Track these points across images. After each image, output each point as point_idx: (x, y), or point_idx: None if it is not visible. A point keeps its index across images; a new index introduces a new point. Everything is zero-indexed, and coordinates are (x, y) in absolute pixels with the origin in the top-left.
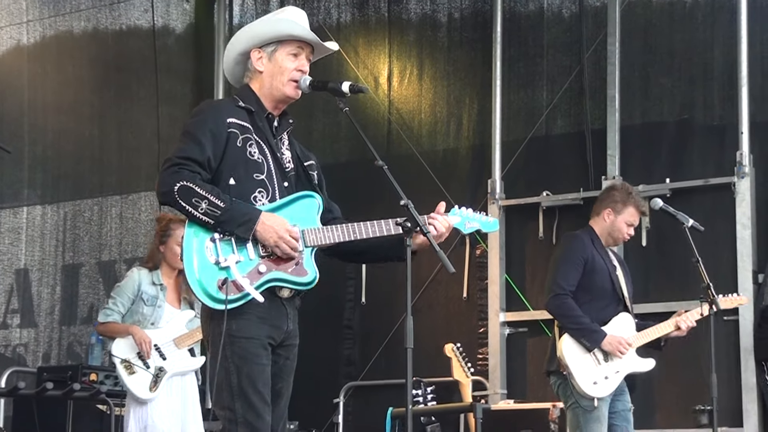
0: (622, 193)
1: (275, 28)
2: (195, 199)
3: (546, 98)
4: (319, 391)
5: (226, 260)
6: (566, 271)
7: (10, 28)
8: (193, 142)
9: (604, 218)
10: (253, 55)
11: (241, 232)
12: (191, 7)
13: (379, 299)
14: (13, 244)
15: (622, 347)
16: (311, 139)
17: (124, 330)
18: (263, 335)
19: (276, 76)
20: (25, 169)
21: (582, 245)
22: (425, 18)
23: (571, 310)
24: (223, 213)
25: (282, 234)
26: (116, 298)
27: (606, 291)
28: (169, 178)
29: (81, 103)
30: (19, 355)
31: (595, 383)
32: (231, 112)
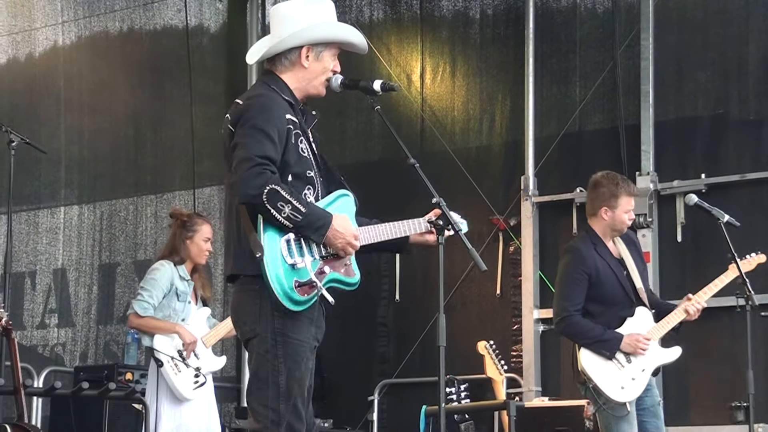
0: (610, 186)
1: (338, 33)
2: (280, 203)
3: (579, 94)
4: (353, 389)
5: (302, 261)
6: (570, 292)
7: (45, 29)
8: (267, 139)
9: (602, 217)
10: (303, 52)
11: (316, 237)
12: (224, 7)
13: (413, 297)
14: (50, 244)
15: (642, 344)
16: (344, 137)
17: (171, 328)
18: (311, 337)
19: (317, 76)
20: (62, 170)
21: (581, 258)
22: (457, 15)
23: (580, 327)
24: (303, 218)
25: (350, 239)
26: (151, 290)
27: (617, 297)
28: (256, 179)
29: (116, 103)
30: (57, 355)
31: (623, 387)
32: (284, 107)
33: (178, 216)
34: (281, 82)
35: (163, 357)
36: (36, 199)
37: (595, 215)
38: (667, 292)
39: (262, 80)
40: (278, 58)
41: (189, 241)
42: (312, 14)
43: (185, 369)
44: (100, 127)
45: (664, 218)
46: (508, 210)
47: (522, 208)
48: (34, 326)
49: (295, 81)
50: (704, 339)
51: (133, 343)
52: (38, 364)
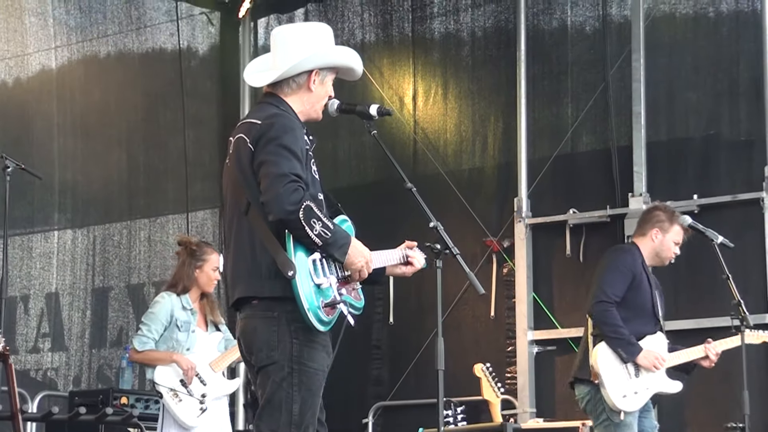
0: (667, 213)
1: (348, 59)
2: (313, 220)
3: (571, 115)
4: (347, 411)
5: (327, 281)
6: (613, 280)
7: (38, 54)
8: (295, 158)
9: (652, 238)
10: (313, 76)
11: (339, 255)
12: (216, 30)
13: (407, 319)
14: (44, 269)
15: (658, 362)
16: (337, 159)
17: (167, 358)
18: (325, 365)
19: (320, 100)
20: (56, 194)
21: (633, 259)
22: (449, 37)
23: (614, 318)
24: (332, 235)
25: (368, 259)
26: (150, 324)
27: (646, 310)
28: (292, 195)
29: (109, 127)
30: (50, 379)
31: (625, 396)
32: (301, 127)
33: (186, 244)
34: (287, 105)
35: (162, 389)
36: (29, 224)
37: (644, 236)
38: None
39: (268, 102)
40: (285, 81)
41: (198, 270)
42: (318, 38)
43: (187, 397)
44: (93, 151)
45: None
46: (501, 232)
47: (515, 229)
48: (27, 350)
49: (300, 104)
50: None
51: (128, 368)
52: (32, 388)
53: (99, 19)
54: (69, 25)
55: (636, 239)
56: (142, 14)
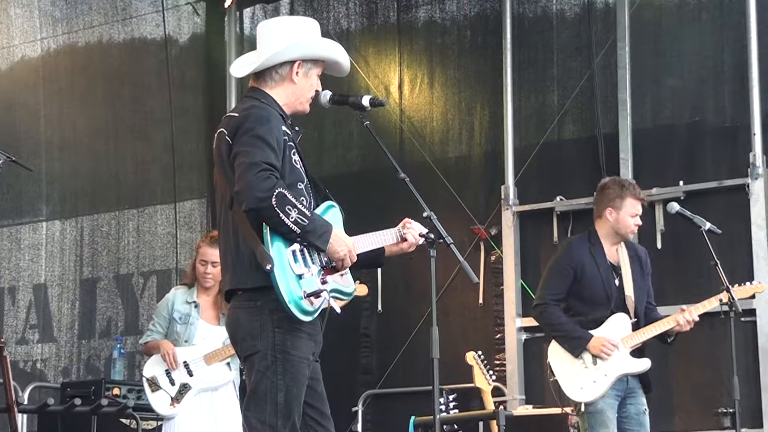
0: (616, 188)
1: (331, 51)
2: (288, 207)
3: (557, 103)
4: (337, 400)
5: (309, 271)
6: (551, 281)
7: (24, 46)
8: (269, 147)
9: (607, 218)
10: (295, 67)
11: (320, 243)
12: (202, 20)
13: (396, 307)
14: (33, 260)
15: (606, 348)
16: (323, 148)
17: (156, 346)
18: (310, 353)
19: (305, 92)
20: (43, 185)
21: (569, 254)
22: (434, 25)
23: (552, 318)
24: (309, 223)
25: (350, 247)
26: (154, 319)
27: (598, 297)
28: (263, 183)
29: (95, 118)
30: (39, 371)
31: (582, 388)
32: (279, 118)
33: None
34: (270, 98)
35: (144, 378)
36: (17, 215)
37: (600, 217)
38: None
39: (251, 95)
40: (267, 72)
41: (195, 264)
42: (302, 31)
43: (162, 388)
44: (80, 142)
45: (643, 226)
46: (489, 219)
47: (503, 217)
48: (16, 342)
49: (284, 97)
50: (686, 345)
51: (120, 358)
52: (22, 380)
53: (84, 10)
54: (54, 16)
55: (595, 222)
56: (128, 5)
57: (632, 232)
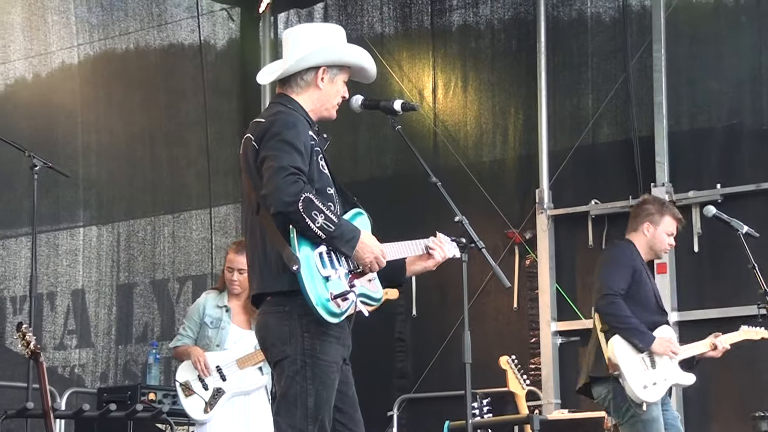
0: (656, 205)
1: (356, 57)
2: (314, 212)
3: (592, 106)
4: (372, 405)
5: (336, 273)
6: (615, 274)
7: (61, 52)
8: (296, 152)
9: (644, 232)
10: (320, 72)
11: (347, 249)
12: (236, 26)
13: (430, 312)
14: (70, 266)
15: (673, 347)
16: (357, 152)
17: (186, 351)
18: (339, 358)
19: (330, 98)
20: (81, 191)
21: (631, 253)
22: (468, 29)
23: (622, 310)
24: (336, 228)
25: (378, 253)
26: (185, 323)
27: (651, 303)
28: (291, 187)
29: (131, 124)
30: (77, 376)
31: (645, 387)
32: (306, 123)
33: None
34: (296, 104)
35: (177, 383)
36: (55, 221)
37: (636, 231)
38: (685, 303)
39: (277, 101)
40: (293, 79)
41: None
42: (327, 36)
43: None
44: (116, 147)
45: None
46: (523, 223)
47: (537, 221)
48: (54, 347)
49: (310, 103)
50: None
51: (155, 364)
52: (60, 385)
53: (120, 16)
54: (91, 22)
55: (629, 235)
56: (163, 11)
57: (665, 250)
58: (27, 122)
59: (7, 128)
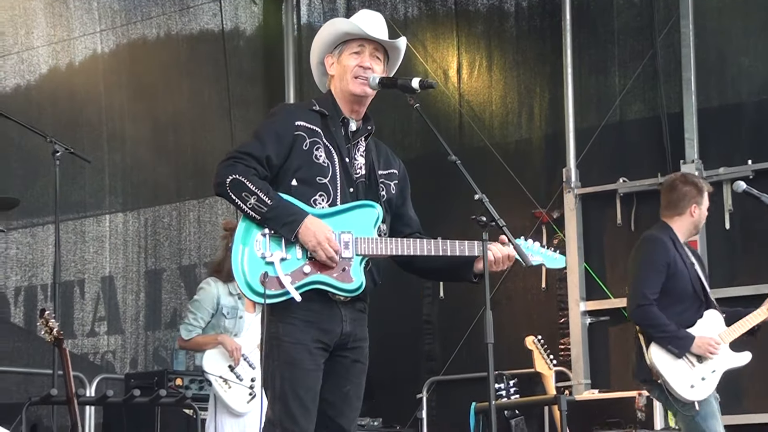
0: (693, 185)
1: (333, 29)
2: (245, 194)
3: (619, 84)
4: (401, 387)
5: (272, 255)
6: (648, 278)
7: (84, 38)
8: (256, 139)
9: (692, 214)
10: (326, 61)
11: (285, 232)
12: (259, 9)
13: (457, 293)
14: (97, 253)
15: (712, 348)
16: (382, 135)
17: (213, 340)
18: (309, 339)
19: (343, 76)
20: (106, 177)
21: (664, 249)
22: (492, 9)
23: (657, 318)
24: (269, 210)
25: (321, 240)
26: (196, 313)
27: (687, 294)
28: (224, 170)
29: (156, 109)
30: (108, 362)
31: (693, 386)
32: (302, 115)
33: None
34: (327, 95)
35: (211, 377)
36: (81, 208)
37: (682, 214)
38: (716, 280)
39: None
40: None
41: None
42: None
43: (236, 384)
44: (141, 133)
45: (711, 206)
46: (550, 203)
47: (565, 200)
48: (85, 334)
49: (335, 90)
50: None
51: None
52: (90, 372)
53: (143, 1)
54: (113, 8)
55: (669, 218)
56: None
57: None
58: (51, 109)
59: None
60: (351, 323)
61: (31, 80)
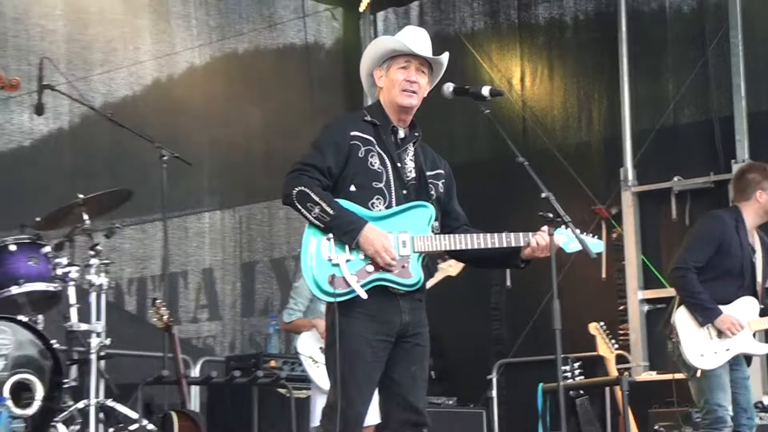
0: (758, 171)
1: (382, 46)
2: (309, 204)
3: (672, 90)
4: (473, 370)
5: (337, 258)
6: (697, 248)
7: (184, 53)
8: (316, 150)
9: (758, 199)
10: (375, 74)
11: (346, 240)
12: (339, 25)
13: (523, 282)
14: (198, 247)
15: (734, 328)
16: (452, 138)
17: (308, 324)
18: (370, 332)
19: (391, 89)
20: (205, 178)
21: (722, 226)
22: (553, 22)
23: (691, 285)
24: (332, 220)
25: (378, 248)
26: (296, 298)
27: (733, 274)
28: (290, 182)
29: (248, 117)
30: (208, 346)
31: (702, 355)
32: (356, 126)
33: None
34: (376, 105)
35: (302, 357)
36: (184, 207)
37: (748, 199)
38: None
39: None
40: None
41: None
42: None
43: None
44: (235, 139)
45: None
46: (609, 200)
47: (623, 197)
48: (188, 321)
49: (384, 101)
50: None
51: (275, 334)
52: (193, 354)
53: (235, 19)
54: (210, 25)
55: (740, 203)
56: (273, 13)
57: None
58: (156, 118)
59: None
60: (409, 313)
61: (138, 91)
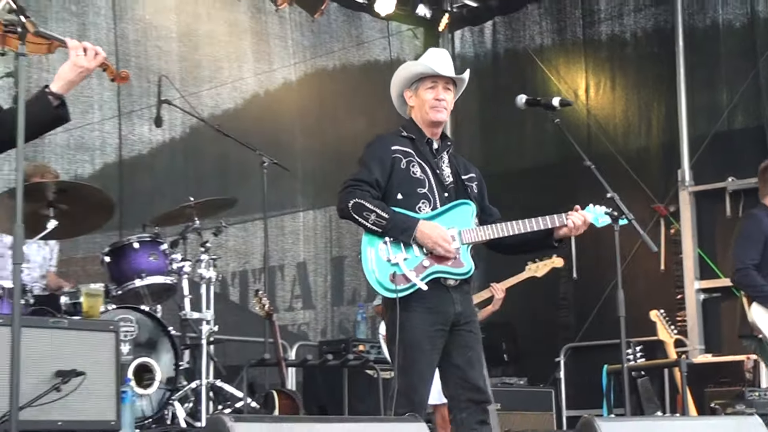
0: None
1: (409, 71)
2: (365, 213)
3: (726, 98)
4: (542, 353)
5: (395, 257)
6: (746, 247)
7: (281, 69)
8: (363, 167)
9: None
10: (405, 95)
11: (404, 238)
12: (420, 42)
13: (588, 274)
14: (293, 243)
15: None
16: (523, 144)
17: None
18: (428, 324)
19: (422, 107)
20: (299, 182)
21: (758, 222)
22: (615, 38)
23: (754, 280)
24: (387, 223)
25: (436, 239)
26: None
27: None
28: (345, 197)
29: (338, 128)
30: (303, 332)
31: None
32: (395, 141)
33: None
34: (410, 122)
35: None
36: (281, 207)
37: None
38: None
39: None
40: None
41: None
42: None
43: None
44: (326, 147)
45: None
46: (667, 199)
47: (680, 197)
48: (285, 309)
49: (416, 117)
50: None
51: (362, 321)
52: (290, 340)
53: (326, 39)
54: (304, 44)
55: (765, 199)
56: (361, 33)
57: None
58: (257, 128)
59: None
60: (461, 303)
61: (240, 104)
